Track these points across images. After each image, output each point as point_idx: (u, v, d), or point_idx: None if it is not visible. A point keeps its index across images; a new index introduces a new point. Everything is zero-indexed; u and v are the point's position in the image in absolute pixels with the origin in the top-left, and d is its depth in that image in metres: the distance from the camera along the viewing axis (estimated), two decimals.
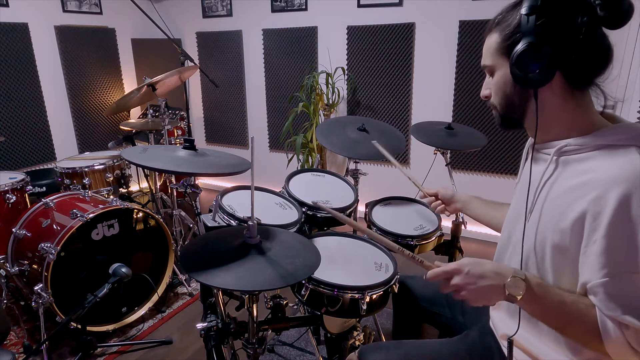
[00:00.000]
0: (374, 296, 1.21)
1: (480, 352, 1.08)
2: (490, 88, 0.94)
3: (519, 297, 0.82)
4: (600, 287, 0.77)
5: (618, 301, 0.76)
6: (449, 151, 1.96)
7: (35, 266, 1.99)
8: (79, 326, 1.88)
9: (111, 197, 2.37)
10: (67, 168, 2.55)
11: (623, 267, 0.75)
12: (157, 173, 3.10)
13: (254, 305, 1.16)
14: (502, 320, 1.05)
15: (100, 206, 2.06)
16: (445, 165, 1.96)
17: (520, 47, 0.80)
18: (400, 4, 3.19)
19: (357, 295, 1.18)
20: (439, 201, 1.44)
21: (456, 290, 0.88)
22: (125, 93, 3.90)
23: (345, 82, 3.55)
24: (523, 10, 0.80)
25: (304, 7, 3.59)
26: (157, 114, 3.02)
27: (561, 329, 0.87)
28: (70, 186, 2.54)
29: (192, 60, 2.67)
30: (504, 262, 1.02)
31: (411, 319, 1.47)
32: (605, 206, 0.75)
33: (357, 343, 1.40)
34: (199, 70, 2.92)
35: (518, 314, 0.91)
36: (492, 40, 0.89)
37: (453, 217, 1.82)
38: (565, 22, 0.79)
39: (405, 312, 1.47)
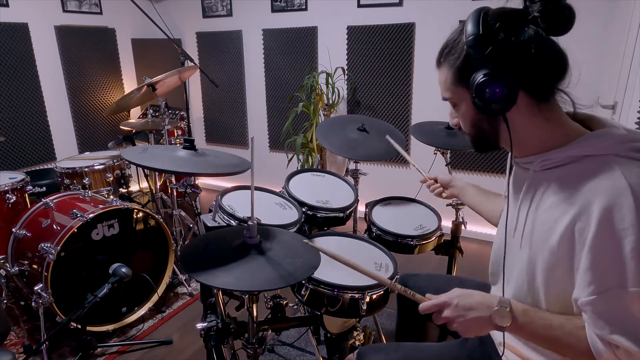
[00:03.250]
0: (374, 296, 1.21)
1: (478, 357, 1.08)
2: (457, 117, 0.93)
3: (505, 326, 0.84)
4: (588, 305, 0.75)
5: (606, 320, 0.74)
6: (449, 151, 1.96)
7: (35, 266, 1.99)
8: (79, 326, 1.87)
9: (111, 197, 2.37)
10: (67, 168, 2.55)
11: (610, 283, 0.73)
12: (157, 173, 3.10)
13: (254, 305, 1.16)
14: None
15: (100, 206, 2.06)
16: (445, 165, 1.96)
17: (477, 79, 0.78)
18: (400, 4, 3.19)
19: (357, 295, 1.19)
20: (438, 184, 1.46)
21: (447, 322, 0.90)
22: (125, 93, 3.90)
23: (345, 82, 3.55)
24: (468, 42, 0.79)
25: (304, 7, 3.59)
26: (157, 114, 3.02)
27: (555, 351, 0.87)
28: (70, 186, 2.54)
29: (192, 60, 2.67)
30: (498, 276, 1.02)
31: (414, 318, 1.47)
32: (589, 221, 0.73)
33: (357, 343, 1.40)
34: (199, 70, 2.91)
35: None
36: (444, 75, 0.88)
37: (453, 217, 1.82)
38: (512, 43, 0.77)
39: (409, 311, 1.46)
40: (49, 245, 1.89)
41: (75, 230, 1.93)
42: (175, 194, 2.77)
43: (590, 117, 0.88)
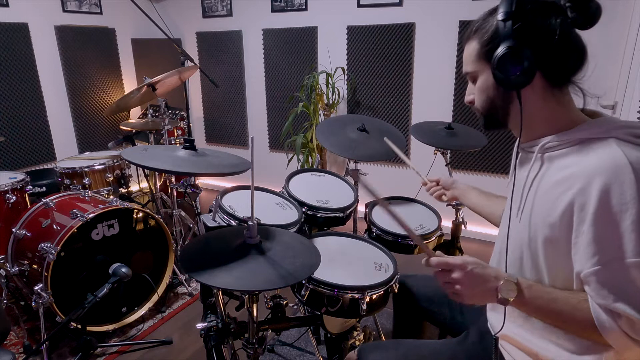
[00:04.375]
0: (374, 296, 1.21)
1: (478, 354, 1.08)
2: (474, 93, 0.97)
3: (510, 300, 0.87)
4: (592, 276, 0.79)
5: (610, 289, 0.77)
6: (449, 151, 1.96)
7: (35, 266, 1.99)
8: (79, 326, 1.87)
9: (111, 197, 2.37)
10: (67, 168, 2.55)
11: (612, 254, 0.76)
12: (157, 173, 3.10)
13: (254, 305, 1.16)
14: (498, 322, 1.05)
15: (100, 206, 2.06)
16: (445, 165, 1.96)
17: (500, 50, 0.84)
18: (400, 4, 3.19)
19: (357, 295, 1.19)
20: (439, 186, 1.48)
21: (450, 283, 0.90)
22: (125, 93, 3.90)
23: (345, 82, 3.55)
24: (499, 17, 0.84)
25: (304, 7, 3.59)
26: (157, 114, 3.02)
27: (559, 326, 0.89)
28: (70, 186, 2.54)
29: (192, 60, 2.67)
30: (501, 260, 1.03)
31: (411, 318, 1.47)
32: (589, 197, 0.77)
33: (357, 343, 1.40)
34: (199, 70, 2.91)
35: (503, 313, 0.94)
36: (471, 48, 0.92)
37: (453, 217, 1.82)
38: (540, 24, 0.83)
39: (406, 311, 1.47)
40: (49, 245, 1.89)
41: (75, 230, 1.93)
42: (175, 194, 2.77)
43: (593, 111, 0.93)
